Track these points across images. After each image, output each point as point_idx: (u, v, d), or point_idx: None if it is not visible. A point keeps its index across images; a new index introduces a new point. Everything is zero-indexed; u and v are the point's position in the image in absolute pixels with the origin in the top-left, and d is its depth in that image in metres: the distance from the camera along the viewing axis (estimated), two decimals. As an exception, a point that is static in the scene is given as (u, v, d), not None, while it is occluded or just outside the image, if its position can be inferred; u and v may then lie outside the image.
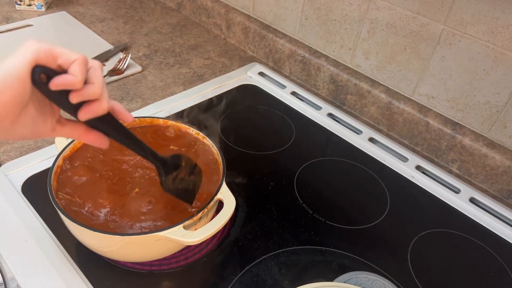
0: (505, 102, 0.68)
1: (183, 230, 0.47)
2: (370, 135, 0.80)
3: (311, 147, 0.78)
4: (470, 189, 0.71)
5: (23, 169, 0.64)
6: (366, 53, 0.84)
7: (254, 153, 0.75)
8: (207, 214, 0.52)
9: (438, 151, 0.78)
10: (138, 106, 0.81)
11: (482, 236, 0.65)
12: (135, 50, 0.99)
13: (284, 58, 0.97)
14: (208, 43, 1.06)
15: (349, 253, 0.59)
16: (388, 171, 0.74)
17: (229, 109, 0.84)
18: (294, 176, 0.71)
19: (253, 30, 1.00)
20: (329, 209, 0.66)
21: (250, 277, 0.55)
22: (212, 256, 0.57)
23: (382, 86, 0.83)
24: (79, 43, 0.97)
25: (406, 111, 0.80)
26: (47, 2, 1.10)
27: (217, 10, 1.07)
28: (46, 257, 0.53)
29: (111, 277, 0.53)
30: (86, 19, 1.08)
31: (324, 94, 0.93)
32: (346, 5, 0.82)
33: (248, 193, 0.66)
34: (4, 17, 1.04)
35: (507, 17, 0.63)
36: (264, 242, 0.59)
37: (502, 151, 0.71)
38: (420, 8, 0.72)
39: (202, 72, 0.94)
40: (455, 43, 0.70)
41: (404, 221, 0.66)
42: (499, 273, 0.60)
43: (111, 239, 0.48)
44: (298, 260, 0.58)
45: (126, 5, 1.18)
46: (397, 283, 0.56)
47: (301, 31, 0.93)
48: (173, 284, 0.54)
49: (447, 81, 0.74)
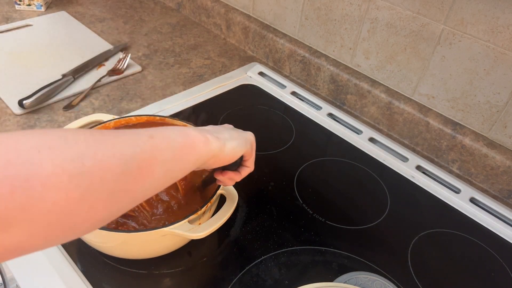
0: (506, 102, 0.68)
1: (189, 224, 0.48)
2: (370, 135, 0.80)
3: (311, 147, 0.78)
4: (470, 189, 0.71)
5: (22, 169, 0.64)
6: (366, 53, 0.84)
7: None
8: (210, 208, 0.53)
9: (439, 151, 0.78)
10: (137, 106, 0.81)
11: (482, 236, 0.65)
12: (135, 50, 0.99)
13: (284, 58, 0.97)
14: (208, 43, 1.06)
15: (349, 253, 0.59)
16: (388, 171, 0.74)
17: (229, 109, 0.84)
18: (294, 176, 0.71)
19: (253, 30, 1.00)
20: (329, 209, 0.66)
21: (250, 277, 0.55)
22: (212, 256, 0.57)
23: (382, 86, 0.83)
24: (78, 43, 0.97)
25: (406, 111, 0.79)
26: (47, 2, 1.10)
27: (217, 10, 1.07)
28: (46, 257, 0.53)
29: (111, 278, 0.53)
30: (85, 19, 1.08)
31: (324, 94, 0.93)
32: (346, 4, 0.82)
33: (248, 193, 0.66)
34: (4, 17, 1.04)
35: (507, 16, 0.63)
36: (264, 242, 0.59)
37: (503, 151, 0.71)
38: (420, 8, 0.72)
39: (202, 72, 0.94)
40: (456, 43, 0.70)
41: (404, 221, 0.66)
42: (499, 273, 0.60)
43: (116, 236, 0.48)
44: (298, 260, 0.58)
45: (126, 5, 1.18)
46: (397, 283, 0.56)
47: (301, 31, 0.93)
48: (173, 285, 0.54)
49: (447, 81, 0.74)
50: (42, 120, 0.75)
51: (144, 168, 0.32)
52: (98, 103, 0.81)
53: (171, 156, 0.36)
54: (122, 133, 0.32)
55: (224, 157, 0.44)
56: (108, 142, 0.30)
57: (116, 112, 0.79)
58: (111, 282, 0.53)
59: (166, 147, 0.35)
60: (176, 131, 0.38)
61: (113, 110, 0.80)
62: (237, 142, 0.46)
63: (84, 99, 0.81)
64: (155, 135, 0.35)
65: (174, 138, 0.37)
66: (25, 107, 0.74)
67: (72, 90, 0.82)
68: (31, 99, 0.75)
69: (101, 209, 0.29)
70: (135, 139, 0.33)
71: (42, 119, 0.75)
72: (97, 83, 0.85)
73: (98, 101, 0.81)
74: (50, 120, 0.75)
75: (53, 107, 0.78)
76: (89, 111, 0.79)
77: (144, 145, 0.33)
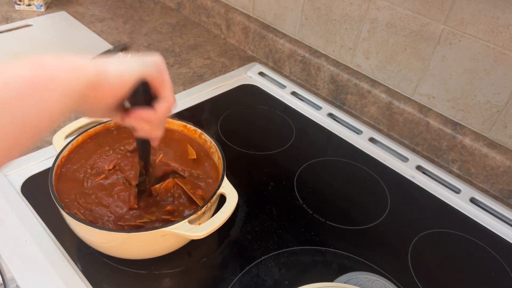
0: (506, 102, 0.68)
1: (189, 224, 0.48)
2: (370, 135, 0.80)
3: (311, 147, 0.78)
4: (471, 189, 0.71)
5: (22, 169, 0.64)
6: (366, 53, 0.83)
7: (254, 153, 0.75)
8: (210, 208, 0.53)
9: (439, 151, 0.78)
10: (138, 106, 0.81)
11: (482, 236, 0.65)
12: (135, 50, 0.99)
13: (284, 58, 0.97)
14: (208, 43, 1.06)
15: (349, 254, 0.59)
16: (388, 171, 0.74)
17: (229, 109, 0.84)
18: (294, 176, 0.71)
19: (253, 30, 1.00)
20: (329, 209, 0.66)
21: (250, 277, 0.55)
22: (212, 257, 0.57)
23: (382, 86, 0.83)
24: (78, 43, 0.97)
25: (407, 111, 0.79)
26: (47, 2, 1.10)
27: (217, 10, 1.07)
28: (45, 257, 0.53)
29: (111, 278, 0.53)
30: (85, 19, 1.08)
31: (324, 94, 0.93)
32: (346, 4, 0.82)
33: (248, 193, 0.66)
34: (4, 17, 1.04)
35: (507, 16, 0.63)
36: (264, 242, 0.59)
37: (503, 151, 0.71)
38: (421, 8, 0.72)
39: (202, 72, 0.94)
40: (456, 43, 0.70)
41: (404, 221, 0.66)
42: (499, 273, 0.60)
43: (116, 236, 0.48)
44: (298, 260, 0.57)
45: (125, 5, 1.18)
46: (397, 283, 0.56)
47: (301, 31, 0.93)
48: (173, 285, 0.54)
49: (448, 81, 0.74)
50: (42, 120, 0.75)
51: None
52: (98, 103, 0.81)
53: (15, 98, 0.28)
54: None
55: (109, 86, 0.35)
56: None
57: (116, 112, 0.79)
58: (111, 282, 0.53)
59: (3, 88, 0.28)
60: (25, 64, 0.30)
61: (113, 110, 0.79)
62: (126, 65, 0.37)
63: (84, 99, 0.81)
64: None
65: (18, 74, 0.29)
66: (25, 107, 0.74)
67: (72, 90, 0.82)
68: (31, 99, 0.75)
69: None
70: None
71: (42, 119, 0.75)
72: (97, 83, 0.84)
73: (98, 101, 0.81)
74: (50, 120, 0.75)
75: (53, 107, 0.78)
76: (89, 111, 0.79)
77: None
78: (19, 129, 0.29)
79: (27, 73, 0.29)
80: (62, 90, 0.31)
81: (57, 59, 0.31)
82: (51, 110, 0.31)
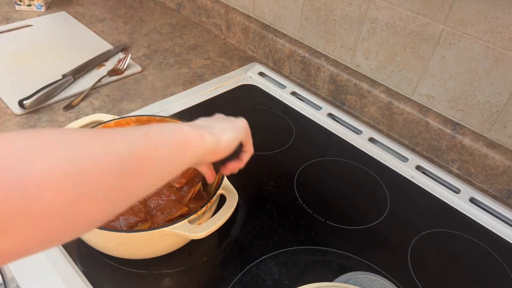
0: (505, 102, 0.68)
1: (189, 224, 0.48)
2: (370, 135, 0.80)
3: (311, 147, 0.78)
4: (470, 189, 0.71)
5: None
6: (366, 53, 0.84)
7: (254, 153, 0.75)
8: (210, 208, 0.53)
9: (438, 151, 0.78)
10: (138, 106, 0.81)
11: (482, 236, 0.65)
12: (135, 50, 0.99)
13: (284, 58, 0.97)
14: (208, 43, 1.06)
15: (349, 253, 0.59)
16: (388, 171, 0.74)
17: (229, 109, 0.84)
18: (294, 176, 0.71)
19: (253, 30, 1.00)
20: (329, 209, 0.66)
21: (250, 277, 0.55)
22: (212, 256, 0.57)
23: (382, 86, 0.83)
24: (79, 43, 0.97)
25: (406, 111, 0.79)
26: (47, 2, 1.10)
27: (217, 10, 1.07)
28: (46, 257, 0.53)
29: (111, 278, 0.53)
30: (86, 19, 1.08)
31: (324, 94, 0.93)
32: (346, 5, 0.82)
33: (248, 193, 0.66)
34: (4, 17, 1.04)
35: (507, 17, 0.63)
36: (264, 242, 0.59)
37: (502, 151, 0.71)
38: (420, 8, 0.72)
39: (202, 72, 0.94)
40: (455, 43, 0.70)
41: (404, 221, 0.66)
42: (499, 273, 0.60)
43: (117, 236, 0.48)
44: (298, 260, 0.58)
45: (126, 5, 1.18)
46: (397, 283, 0.56)
47: (301, 31, 0.93)
48: (173, 285, 0.54)
49: (447, 81, 0.74)
50: (42, 120, 0.75)
51: (139, 167, 0.32)
52: (98, 103, 0.81)
53: (167, 154, 0.35)
54: (117, 131, 0.32)
55: (219, 152, 0.45)
56: (103, 140, 0.30)
57: (116, 112, 0.79)
58: (111, 282, 0.53)
59: (161, 145, 0.35)
60: (171, 128, 0.38)
61: (113, 110, 0.80)
62: (230, 134, 0.46)
63: (84, 99, 0.81)
64: (150, 132, 0.34)
65: (169, 135, 0.37)
66: (25, 107, 0.74)
67: (72, 90, 0.82)
68: (31, 99, 0.75)
69: (98, 209, 0.28)
70: (130, 137, 0.32)
71: (42, 119, 0.75)
72: (97, 83, 0.85)
73: (98, 101, 0.82)
74: (50, 120, 0.75)
75: (53, 107, 0.78)
76: (89, 111, 0.79)
77: (139, 143, 0.32)
78: (163, 179, 0.36)
79: (173, 135, 0.37)
80: (194, 152, 0.40)
81: (189, 127, 0.40)
82: (183, 165, 0.38)
